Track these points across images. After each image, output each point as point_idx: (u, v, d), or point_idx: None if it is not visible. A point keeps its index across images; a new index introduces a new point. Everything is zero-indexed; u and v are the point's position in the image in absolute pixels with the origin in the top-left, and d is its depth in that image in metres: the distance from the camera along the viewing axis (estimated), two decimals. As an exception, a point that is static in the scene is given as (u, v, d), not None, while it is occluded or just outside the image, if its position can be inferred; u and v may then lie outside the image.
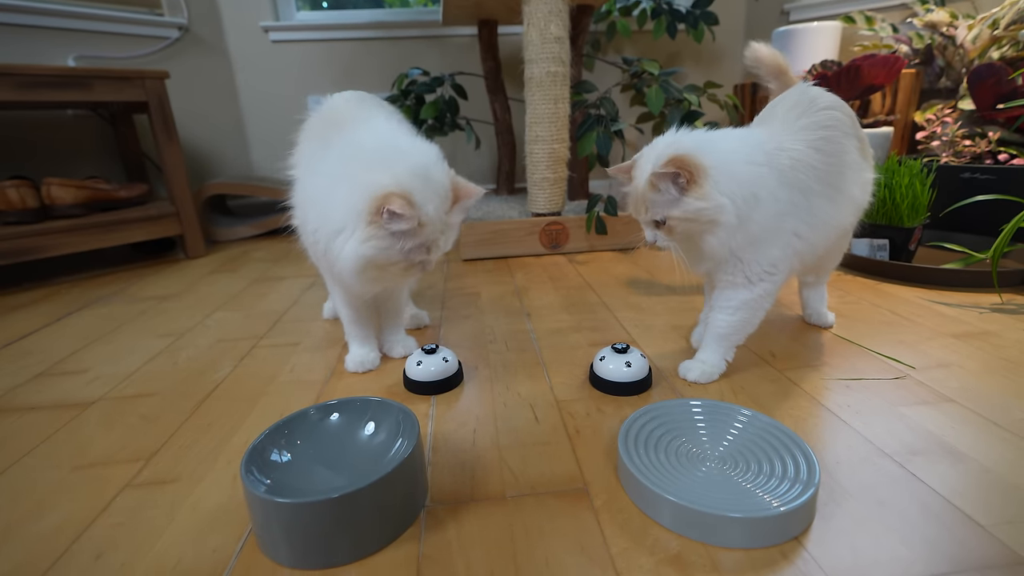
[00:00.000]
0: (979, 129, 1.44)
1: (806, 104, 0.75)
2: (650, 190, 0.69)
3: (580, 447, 0.64)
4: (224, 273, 1.50)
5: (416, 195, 0.64)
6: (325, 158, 0.71)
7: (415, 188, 0.64)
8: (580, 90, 1.57)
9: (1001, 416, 0.66)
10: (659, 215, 0.70)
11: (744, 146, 0.71)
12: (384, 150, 0.68)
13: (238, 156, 2.24)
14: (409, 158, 0.67)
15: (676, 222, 0.69)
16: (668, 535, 0.50)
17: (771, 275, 0.73)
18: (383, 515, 0.50)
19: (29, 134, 1.72)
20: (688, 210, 0.67)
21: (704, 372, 0.77)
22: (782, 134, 0.73)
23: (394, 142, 0.70)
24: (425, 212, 0.65)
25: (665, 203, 0.69)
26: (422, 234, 0.66)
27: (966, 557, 0.46)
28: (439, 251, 0.70)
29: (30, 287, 1.44)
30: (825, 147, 0.73)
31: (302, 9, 2.22)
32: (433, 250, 0.69)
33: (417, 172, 0.66)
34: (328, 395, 0.79)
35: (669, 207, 0.69)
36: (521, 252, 1.55)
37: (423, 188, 0.65)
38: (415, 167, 0.66)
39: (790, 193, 0.70)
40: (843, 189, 0.75)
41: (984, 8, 1.70)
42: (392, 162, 0.66)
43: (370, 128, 0.74)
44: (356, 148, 0.69)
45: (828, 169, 0.73)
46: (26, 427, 0.75)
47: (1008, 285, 1.10)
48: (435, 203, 0.66)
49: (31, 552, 0.52)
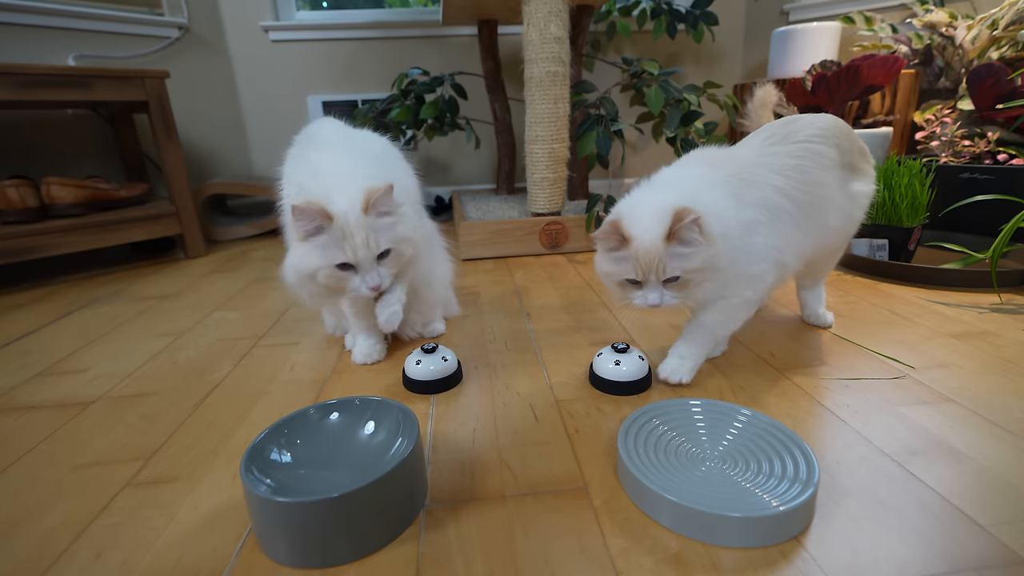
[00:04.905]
0: (978, 129, 1.44)
1: (783, 136, 0.76)
2: (673, 244, 0.65)
3: (580, 447, 0.64)
4: (224, 273, 1.50)
5: (323, 193, 0.71)
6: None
7: (320, 196, 0.71)
8: (580, 90, 1.57)
9: (1000, 416, 0.66)
10: (678, 270, 0.65)
11: (703, 183, 0.70)
12: (306, 160, 0.79)
13: (238, 156, 2.24)
14: (318, 165, 0.77)
15: (693, 274, 0.66)
16: (668, 535, 0.50)
17: (750, 286, 0.72)
18: (383, 515, 0.50)
19: (29, 134, 1.72)
20: (705, 258, 0.65)
21: (691, 368, 0.76)
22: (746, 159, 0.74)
23: (310, 156, 0.79)
24: (332, 209, 0.69)
25: (685, 256, 0.65)
26: (334, 230, 0.70)
27: (965, 557, 0.46)
28: (363, 252, 0.71)
29: (30, 287, 1.44)
30: (794, 175, 0.73)
31: (302, 9, 2.22)
32: (357, 250, 0.70)
33: (327, 175, 0.74)
34: (328, 395, 0.79)
35: (689, 260, 0.65)
36: (521, 252, 1.55)
37: (330, 182, 0.73)
38: (321, 173, 0.75)
39: (755, 212, 0.70)
40: (817, 220, 0.76)
41: (983, 8, 1.70)
42: (311, 182, 0.75)
43: (309, 161, 0.80)
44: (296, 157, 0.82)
45: (799, 196, 0.73)
46: (26, 427, 0.75)
47: (1007, 285, 1.10)
48: (345, 200, 0.70)
49: (31, 551, 0.52)
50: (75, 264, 1.65)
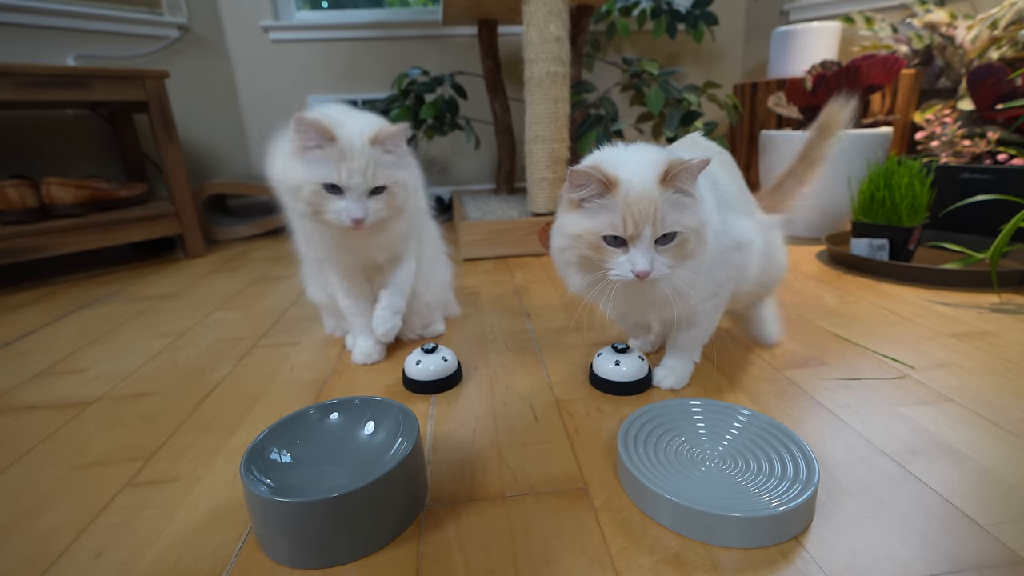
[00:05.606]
0: (978, 129, 1.44)
1: (689, 143, 0.79)
2: (669, 191, 0.57)
3: (580, 447, 0.64)
4: (224, 273, 1.50)
5: (329, 119, 0.70)
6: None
7: (330, 115, 0.71)
8: (580, 90, 1.57)
9: (1000, 416, 0.66)
10: (678, 225, 0.57)
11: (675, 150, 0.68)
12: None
13: (238, 156, 2.24)
14: (338, 107, 0.76)
15: (689, 235, 0.58)
16: (667, 534, 0.50)
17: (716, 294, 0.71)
18: (383, 515, 0.50)
19: (29, 134, 1.72)
20: (701, 217, 0.58)
21: (679, 378, 0.77)
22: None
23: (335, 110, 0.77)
24: (338, 131, 0.69)
25: (684, 207, 0.57)
26: (333, 149, 0.69)
27: (965, 557, 0.46)
28: (356, 178, 0.70)
29: (30, 287, 1.44)
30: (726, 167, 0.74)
31: (302, 9, 2.22)
32: (352, 174, 0.70)
33: (340, 110, 0.75)
34: (328, 395, 0.79)
35: (687, 213, 0.57)
36: (521, 252, 1.55)
37: (340, 116, 0.72)
38: (339, 109, 0.75)
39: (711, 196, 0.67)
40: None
41: (983, 8, 1.70)
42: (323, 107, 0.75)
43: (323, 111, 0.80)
44: None
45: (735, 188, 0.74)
46: (26, 427, 0.75)
47: (1007, 285, 1.10)
48: (352, 127, 0.71)
49: (31, 551, 0.52)
50: (75, 264, 1.65)
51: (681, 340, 0.76)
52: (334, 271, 0.86)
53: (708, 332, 0.76)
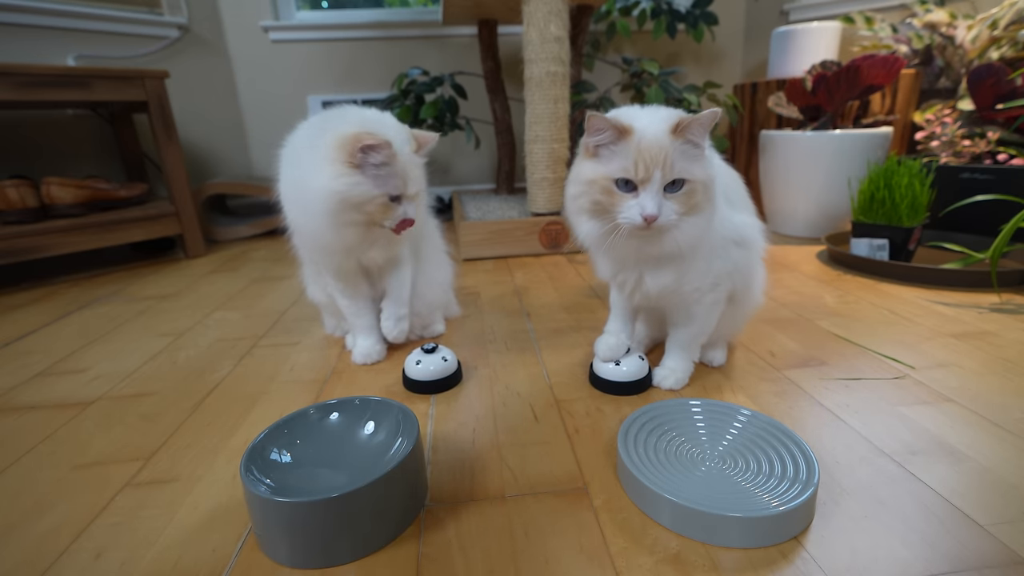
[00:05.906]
0: (978, 129, 1.44)
1: None
2: (680, 141, 0.59)
3: (580, 447, 0.64)
4: (224, 273, 1.50)
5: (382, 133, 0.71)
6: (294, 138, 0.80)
7: (378, 129, 0.73)
8: (580, 90, 1.57)
9: (1000, 416, 0.66)
10: (686, 172, 0.59)
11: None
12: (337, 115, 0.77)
13: (238, 156, 2.23)
14: (363, 113, 0.77)
15: (696, 187, 0.60)
16: (667, 534, 0.50)
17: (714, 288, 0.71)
18: (383, 514, 0.50)
19: (29, 134, 1.72)
20: (709, 173, 0.61)
21: (679, 379, 0.77)
22: None
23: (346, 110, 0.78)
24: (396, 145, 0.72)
25: (693, 158, 0.60)
26: (397, 164, 0.73)
27: (965, 557, 0.46)
28: (413, 187, 0.75)
29: (30, 287, 1.44)
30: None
31: (302, 9, 2.22)
32: (409, 184, 0.74)
33: (374, 120, 0.76)
34: (328, 395, 0.79)
35: (695, 164, 0.60)
36: (521, 252, 1.55)
37: (384, 129, 0.74)
38: (370, 118, 0.76)
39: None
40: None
41: (983, 8, 1.70)
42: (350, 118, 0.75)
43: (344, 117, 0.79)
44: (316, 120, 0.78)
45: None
46: (26, 427, 0.75)
47: (1007, 285, 1.10)
48: (400, 139, 0.74)
49: (31, 551, 0.52)
50: (75, 264, 1.65)
51: (680, 338, 0.76)
52: (327, 272, 0.86)
53: (707, 331, 0.76)
